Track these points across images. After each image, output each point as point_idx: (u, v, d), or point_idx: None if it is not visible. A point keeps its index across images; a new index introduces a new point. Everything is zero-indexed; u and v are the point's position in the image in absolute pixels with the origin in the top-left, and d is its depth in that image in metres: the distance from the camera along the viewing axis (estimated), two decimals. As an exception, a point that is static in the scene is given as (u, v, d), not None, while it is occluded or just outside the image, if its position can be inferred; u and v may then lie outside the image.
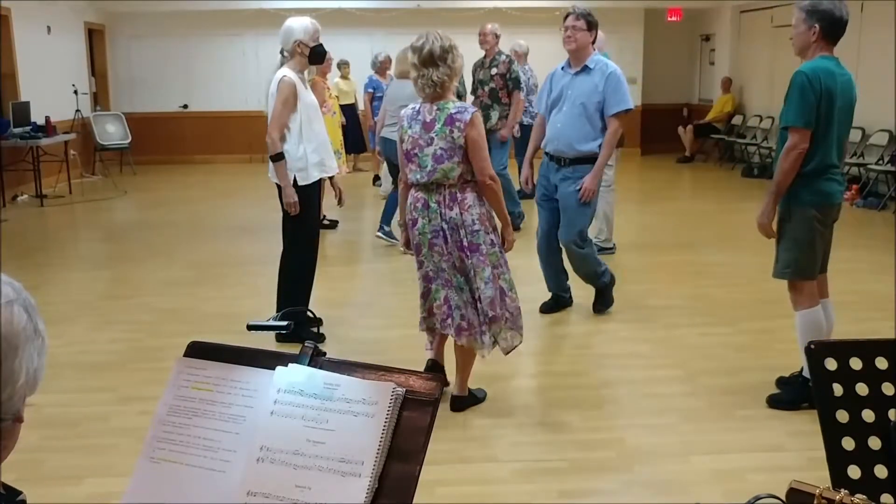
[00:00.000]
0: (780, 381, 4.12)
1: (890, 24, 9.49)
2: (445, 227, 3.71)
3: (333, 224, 8.35)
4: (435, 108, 3.68)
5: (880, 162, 9.69)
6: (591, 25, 5.01)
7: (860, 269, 6.43)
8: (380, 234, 7.49)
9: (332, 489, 1.27)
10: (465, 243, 3.71)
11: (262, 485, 1.30)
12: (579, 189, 5.02)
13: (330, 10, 13.06)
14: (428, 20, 13.03)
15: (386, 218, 7.43)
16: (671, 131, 13.94)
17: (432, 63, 3.62)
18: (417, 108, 3.74)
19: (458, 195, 3.70)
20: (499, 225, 3.87)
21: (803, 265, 3.84)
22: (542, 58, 8.91)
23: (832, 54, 3.75)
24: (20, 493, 1.19)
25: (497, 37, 8.03)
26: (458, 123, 3.62)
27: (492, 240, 3.76)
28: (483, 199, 3.76)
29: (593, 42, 5.09)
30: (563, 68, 5.20)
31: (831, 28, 3.69)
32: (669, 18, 14.24)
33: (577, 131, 4.98)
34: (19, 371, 1.09)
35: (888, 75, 9.50)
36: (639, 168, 13.28)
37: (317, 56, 4.73)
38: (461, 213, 3.70)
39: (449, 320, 3.80)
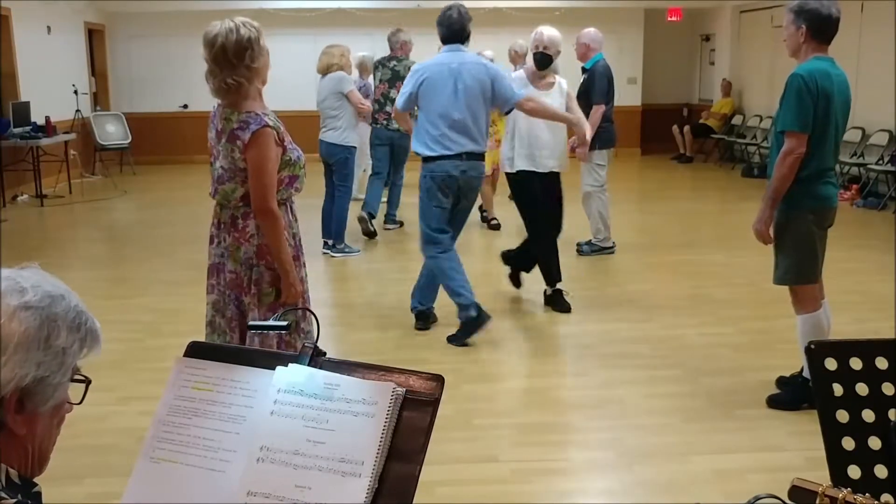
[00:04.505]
0: (780, 381, 4.12)
1: (890, 24, 9.49)
2: (224, 254, 3.14)
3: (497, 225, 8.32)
4: (224, 115, 3.02)
5: (880, 162, 9.69)
6: None
7: (860, 269, 6.42)
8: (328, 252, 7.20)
9: (332, 489, 1.27)
10: (238, 278, 3.10)
11: (263, 485, 1.30)
12: None
13: (330, 10, 13.06)
14: (428, 20, 13.00)
15: (327, 232, 7.19)
16: (671, 131, 13.95)
17: (225, 62, 2.97)
18: (215, 108, 3.11)
19: (240, 221, 3.07)
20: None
21: (805, 270, 3.82)
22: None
23: (826, 54, 3.72)
24: (35, 484, 1.21)
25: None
26: (238, 142, 2.95)
27: (278, 277, 3.08)
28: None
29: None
30: None
31: (820, 27, 3.66)
32: (669, 18, 14.24)
33: None
34: None
35: (888, 75, 9.50)
36: (639, 168, 13.28)
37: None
38: (238, 243, 3.07)
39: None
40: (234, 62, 2.94)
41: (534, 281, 5.76)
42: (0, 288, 1.15)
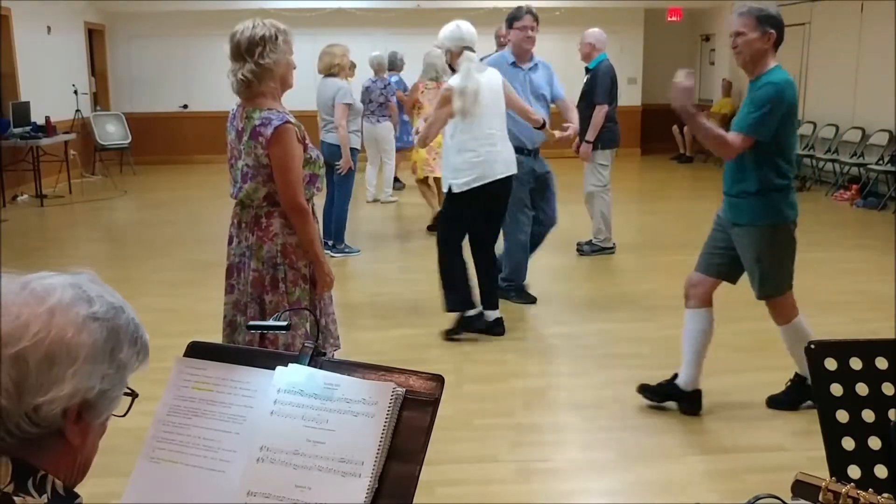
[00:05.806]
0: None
1: (890, 24, 9.49)
2: (246, 253, 3.18)
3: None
4: (245, 115, 3.08)
5: (880, 162, 9.69)
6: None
7: (860, 270, 6.42)
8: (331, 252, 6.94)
9: (332, 489, 1.27)
10: (260, 277, 3.14)
11: (262, 485, 1.30)
12: None
13: (330, 10, 13.06)
14: (428, 20, 13.03)
15: (327, 232, 7.02)
16: (671, 131, 13.95)
17: (239, 56, 3.03)
18: (234, 110, 3.18)
19: (263, 220, 3.12)
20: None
21: (788, 277, 3.80)
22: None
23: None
24: (77, 496, 1.19)
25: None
26: (260, 138, 3.00)
27: (302, 276, 3.17)
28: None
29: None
30: None
31: (781, 34, 3.60)
32: (669, 18, 14.24)
33: None
34: (65, 381, 1.08)
35: (888, 75, 9.50)
36: (639, 168, 13.28)
37: None
38: (262, 242, 3.12)
39: None
40: (246, 58, 3.02)
41: (533, 281, 5.76)
42: (0, 289, 1.14)
